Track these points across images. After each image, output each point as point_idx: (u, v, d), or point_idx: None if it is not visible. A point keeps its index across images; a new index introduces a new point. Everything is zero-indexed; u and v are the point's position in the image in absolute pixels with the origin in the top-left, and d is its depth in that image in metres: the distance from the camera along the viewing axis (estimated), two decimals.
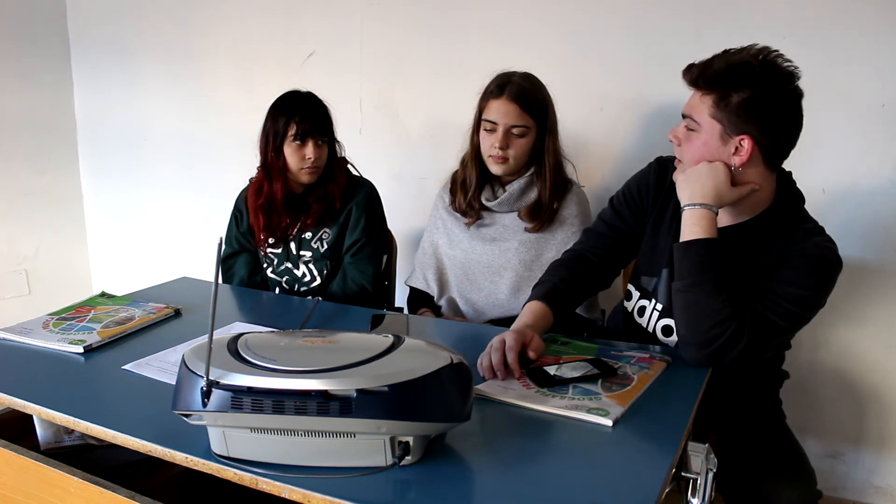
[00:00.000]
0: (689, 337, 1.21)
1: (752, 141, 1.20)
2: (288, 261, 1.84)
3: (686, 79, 1.26)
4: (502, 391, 1.09)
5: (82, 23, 2.89)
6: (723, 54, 1.22)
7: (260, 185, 1.79)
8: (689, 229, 1.24)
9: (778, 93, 1.20)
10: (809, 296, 1.21)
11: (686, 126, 1.27)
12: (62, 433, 1.25)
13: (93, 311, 1.47)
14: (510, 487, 0.85)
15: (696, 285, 1.20)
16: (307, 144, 1.72)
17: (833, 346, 1.89)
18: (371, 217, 1.82)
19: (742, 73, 1.18)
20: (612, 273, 1.48)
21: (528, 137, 1.68)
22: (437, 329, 1.58)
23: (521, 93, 1.65)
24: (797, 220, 1.30)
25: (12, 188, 2.84)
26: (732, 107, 1.19)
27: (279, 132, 1.72)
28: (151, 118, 2.81)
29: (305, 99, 1.76)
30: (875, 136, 1.74)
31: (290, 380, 0.83)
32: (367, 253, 1.81)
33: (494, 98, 1.67)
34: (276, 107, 1.75)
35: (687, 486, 0.99)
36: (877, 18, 1.69)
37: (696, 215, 1.23)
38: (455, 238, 1.80)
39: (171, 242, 2.91)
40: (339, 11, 2.34)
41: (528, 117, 1.66)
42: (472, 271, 1.75)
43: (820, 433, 1.94)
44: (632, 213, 1.45)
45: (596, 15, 1.98)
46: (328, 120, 1.78)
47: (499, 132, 1.66)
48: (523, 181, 1.73)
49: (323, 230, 1.81)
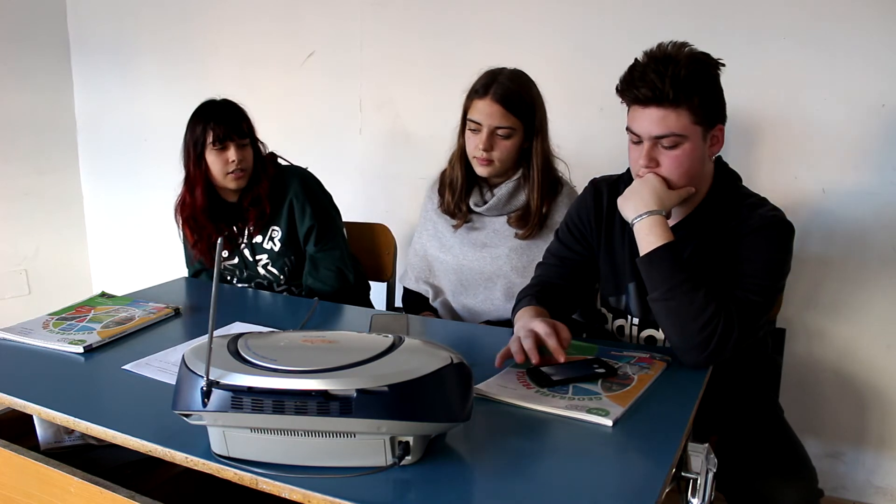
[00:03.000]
0: (683, 343, 1.20)
1: (721, 126, 1.25)
2: (247, 269, 1.83)
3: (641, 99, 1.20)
4: (502, 391, 1.09)
5: (82, 23, 2.89)
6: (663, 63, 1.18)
7: (183, 198, 1.78)
8: (645, 240, 1.23)
9: (717, 75, 1.23)
10: (774, 265, 1.24)
11: (663, 144, 1.22)
12: (62, 433, 1.25)
13: (93, 311, 1.47)
14: (510, 487, 0.85)
15: (672, 290, 1.19)
16: (228, 148, 1.70)
17: (833, 346, 1.89)
18: (314, 201, 1.80)
19: (702, 72, 1.19)
20: (577, 297, 1.46)
21: (514, 139, 1.63)
22: (437, 329, 1.57)
23: (506, 93, 1.60)
24: (738, 197, 1.31)
25: (12, 188, 2.84)
26: (707, 106, 1.21)
27: (199, 140, 1.70)
28: (151, 118, 2.81)
29: (220, 105, 1.74)
30: (875, 136, 1.74)
31: (290, 380, 0.83)
32: (326, 235, 1.80)
33: (479, 98, 1.62)
34: (193, 117, 1.73)
35: (687, 486, 0.99)
36: (877, 18, 1.69)
37: (646, 225, 1.23)
38: (446, 242, 1.76)
39: (171, 242, 2.90)
40: (339, 11, 2.34)
41: (514, 118, 1.61)
42: (465, 277, 1.72)
43: (820, 433, 1.94)
44: (577, 241, 1.44)
45: (596, 15, 1.98)
46: (246, 121, 1.75)
47: (483, 133, 1.61)
48: (511, 185, 1.69)
49: (271, 229, 1.80)
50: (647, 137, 1.23)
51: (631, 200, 1.26)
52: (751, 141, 1.85)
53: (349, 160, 2.42)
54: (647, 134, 1.23)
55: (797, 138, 1.82)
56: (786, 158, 1.84)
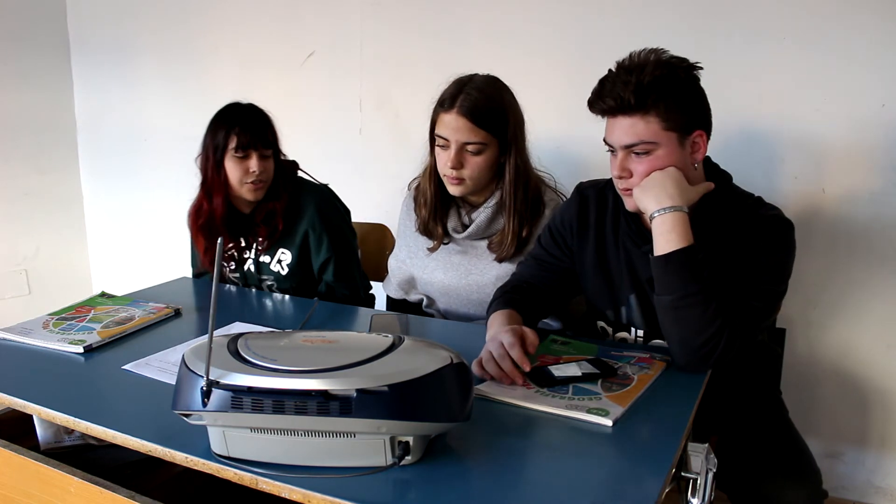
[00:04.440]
0: (682, 350, 1.18)
1: (703, 131, 1.22)
2: (251, 284, 1.78)
3: (608, 110, 1.20)
4: (502, 391, 1.09)
5: (82, 23, 2.89)
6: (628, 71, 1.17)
7: (200, 204, 1.70)
8: (665, 237, 1.17)
9: (695, 79, 1.21)
10: (778, 267, 1.22)
11: (635, 152, 1.20)
12: (62, 433, 1.25)
13: (93, 311, 1.47)
14: (510, 487, 0.85)
15: (685, 298, 1.15)
16: (250, 157, 1.62)
17: (833, 346, 1.89)
18: (331, 231, 1.73)
19: (668, 77, 1.16)
20: (552, 302, 1.43)
21: (486, 154, 1.49)
22: (437, 329, 1.57)
23: (473, 106, 1.46)
24: (735, 197, 1.30)
25: (12, 188, 2.85)
26: (678, 111, 1.17)
27: (219, 145, 1.62)
28: (151, 118, 2.81)
29: (246, 110, 1.67)
30: (875, 136, 1.74)
31: (290, 380, 0.83)
32: (344, 267, 1.75)
33: (444, 111, 1.48)
34: (216, 120, 1.66)
35: (687, 486, 0.99)
36: (877, 18, 1.69)
37: (668, 221, 1.17)
38: (427, 267, 1.65)
39: (171, 242, 2.91)
40: (339, 11, 2.34)
41: (484, 132, 1.47)
42: (454, 296, 1.63)
43: (820, 433, 1.94)
44: (558, 247, 1.42)
45: (596, 15, 1.98)
46: (272, 131, 1.68)
47: (451, 150, 1.47)
48: (490, 210, 1.55)
49: (280, 251, 1.73)
50: (619, 147, 1.21)
51: (651, 191, 1.19)
52: (751, 141, 1.85)
53: (349, 160, 2.42)
54: (618, 143, 1.21)
55: (797, 138, 1.82)
56: (786, 158, 1.84)
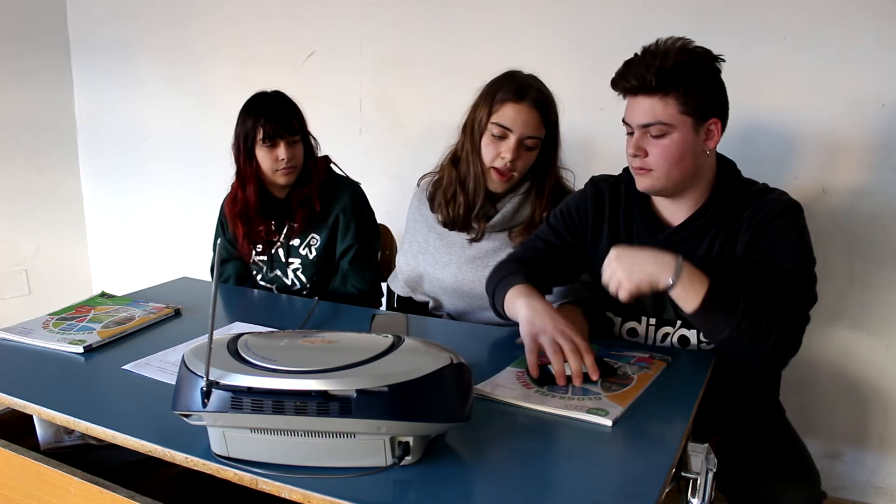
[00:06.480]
0: (761, 361, 1.22)
1: (718, 119, 1.25)
2: (276, 268, 1.82)
3: (630, 89, 1.24)
4: (502, 391, 1.09)
5: (82, 23, 2.89)
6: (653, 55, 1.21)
7: (235, 192, 1.77)
8: (689, 294, 1.16)
9: (716, 70, 1.24)
10: (802, 249, 1.26)
11: (651, 133, 1.24)
12: (62, 433, 1.25)
13: (93, 311, 1.47)
14: (510, 487, 0.85)
15: (740, 324, 1.15)
16: (278, 145, 1.67)
17: (833, 346, 1.89)
18: (360, 221, 1.79)
19: (691, 63, 1.20)
20: (552, 282, 1.44)
21: (536, 151, 1.51)
22: (437, 329, 1.57)
23: (543, 101, 1.47)
24: (742, 185, 1.33)
25: (12, 188, 2.85)
26: (696, 96, 1.21)
27: (249, 136, 1.68)
28: (151, 118, 2.81)
29: (272, 99, 1.71)
30: (875, 136, 1.74)
31: (289, 380, 0.83)
32: (362, 258, 1.80)
33: (513, 101, 1.47)
34: (244, 111, 1.70)
35: (687, 486, 0.99)
36: (877, 18, 1.69)
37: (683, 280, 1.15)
38: (441, 260, 1.64)
39: (171, 242, 2.91)
40: (339, 11, 2.34)
41: (545, 129, 1.49)
42: (465, 293, 1.63)
43: (820, 433, 1.94)
44: (569, 232, 1.43)
45: (596, 14, 1.98)
46: (298, 117, 1.72)
47: (511, 141, 1.46)
48: (517, 200, 1.56)
49: (311, 236, 1.79)
50: (635, 126, 1.25)
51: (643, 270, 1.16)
52: (751, 141, 1.85)
53: (349, 160, 2.41)
54: (635, 122, 1.25)
55: (797, 138, 1.82)
56: (786, 158, 1.84)
